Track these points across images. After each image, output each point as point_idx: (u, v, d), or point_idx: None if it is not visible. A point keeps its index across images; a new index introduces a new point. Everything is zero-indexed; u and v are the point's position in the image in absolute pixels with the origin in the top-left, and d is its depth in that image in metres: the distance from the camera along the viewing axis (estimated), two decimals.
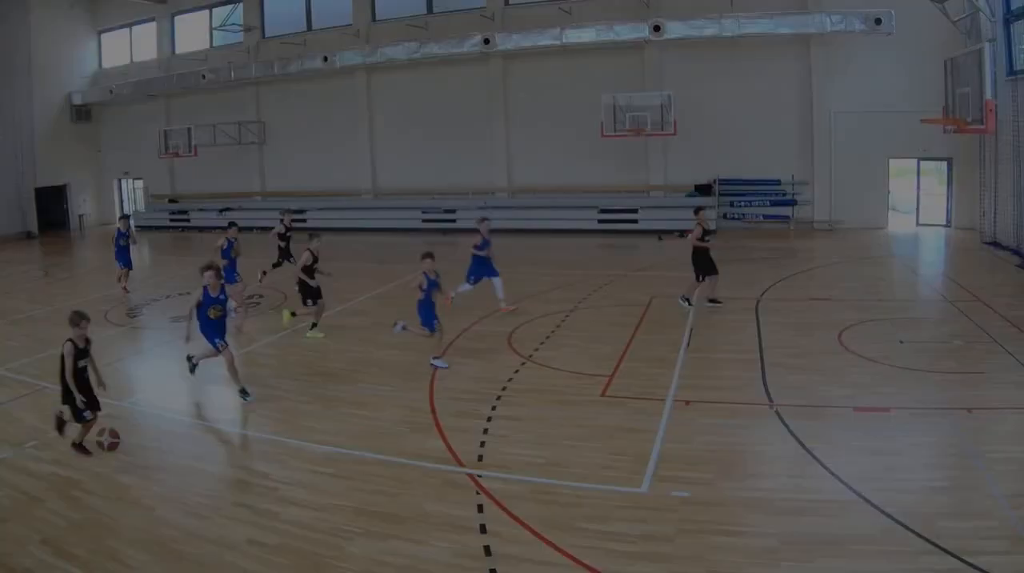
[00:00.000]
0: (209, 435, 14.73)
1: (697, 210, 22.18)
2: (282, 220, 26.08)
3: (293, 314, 22.08)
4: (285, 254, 25.32)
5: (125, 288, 28.09)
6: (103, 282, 30.68)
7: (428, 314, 17.41)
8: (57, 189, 53.80)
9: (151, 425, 15.07)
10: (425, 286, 17.16)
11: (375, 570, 9.49)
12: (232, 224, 24.19)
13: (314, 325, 20.87)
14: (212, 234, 43.66)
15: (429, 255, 17.35)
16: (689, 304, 21.84)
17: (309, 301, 20.66)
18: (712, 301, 22.19)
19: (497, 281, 22.40)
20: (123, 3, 52.59)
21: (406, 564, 9.56)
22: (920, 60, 33.52)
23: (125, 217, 30.81)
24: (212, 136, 49.49)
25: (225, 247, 22.68)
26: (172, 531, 10.50)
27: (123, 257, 28.22)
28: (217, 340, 15.71)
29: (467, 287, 22.43)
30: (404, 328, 17.64)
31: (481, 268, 22.29)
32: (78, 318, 12.91)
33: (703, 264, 21.79)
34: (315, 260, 20.29)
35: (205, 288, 15.51)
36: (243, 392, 15.84)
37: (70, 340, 12.73)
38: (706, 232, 21.70)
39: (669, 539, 9.82)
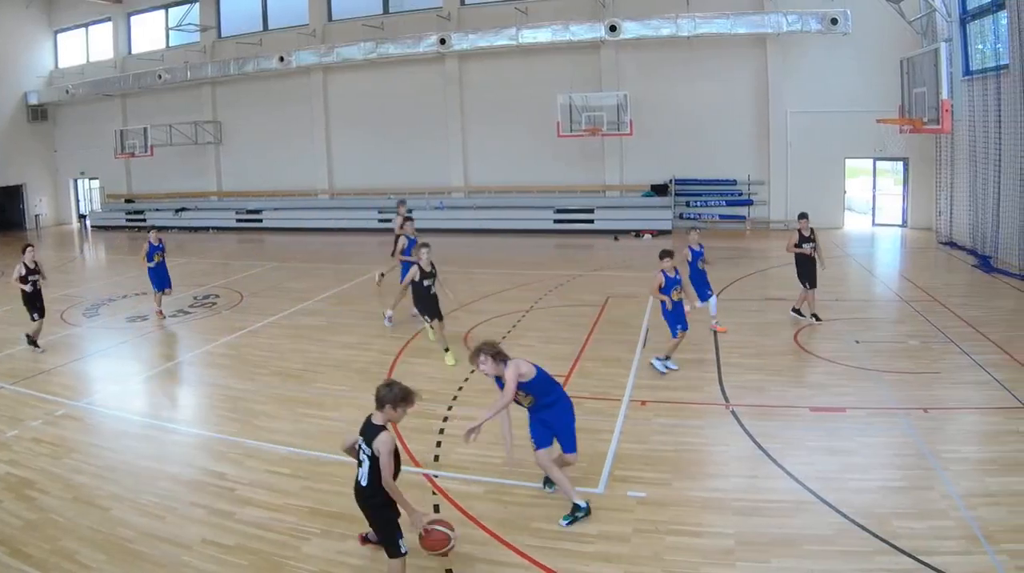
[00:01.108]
0: (165, 435, 14.15)
1: (800, 216, 20.49)
2: (399, 212, 24.63)
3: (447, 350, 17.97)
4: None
5: (161, 312, 22.94)
6: (60, 281, 29.92)
7: (675, 317, 16.21)
8: (13, 189, 52.81)
9: (107, 425, 14.64)
10: (664, 285, 15.84)
11: (332, 570, 9.37)
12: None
13: (446, 350, 17.85)
14: (169, 234, 43.86)
15: (668, 254, 16.02)
16: (800, 315, 20.23)
17: (427, 317, 18.56)
18: (813, 316, 20.16)
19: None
20: (79, 3, 51.31)
21: (362, 564, 9.45)
22: (876, 60, 33.32)
23: (156, 228, 25.01)
24: (168, 136, 48.34)
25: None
26: (128, 531, 10.29)
27: (160, 276, 22.95)
28: None
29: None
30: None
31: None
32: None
33: (804, 272, 20.07)
34: (425, 274, 17.94)
35: None
36: None
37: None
38: (803, 239, 19.90)
39: (625, 539, 9.72)
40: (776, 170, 37.41)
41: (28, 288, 19.37)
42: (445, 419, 13.99)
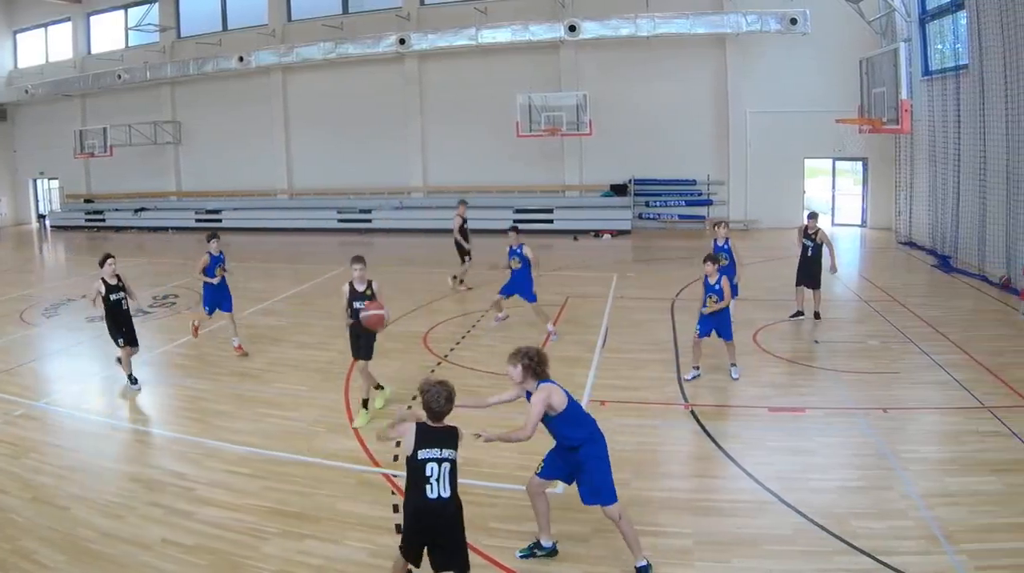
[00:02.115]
0: (125, 435, 13.93)
1: (809, 215, 20.32)
2: (459, 213, 24.07)
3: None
4: (463, 250, 23.60)
5: (198, 328, 19.40)
6: (19, 281, 30.16)
7: (703, 320, 15.70)
8: None
9: (66, 425, 14.36)
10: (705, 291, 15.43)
11: (291, 570, 9.22)
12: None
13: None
14: (128, 234, 45.44)
15: (708, 258, 15.41)
16: (800, 315, 20.04)
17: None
18: (815, 314, 19.96)
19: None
20: (38, 3, 50.11)
21: (322, 564, 9.30)
22: (835, 60, 33.14)
23: (216, 235, 19.13)
24: (128, 136, 47.30)
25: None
26: (87, 531, 10.09)
27: (221, 297, 18.62)
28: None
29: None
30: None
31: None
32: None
33: (801, 273, 20.06)
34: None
35: None
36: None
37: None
38: (805, 236, 19.88)
39: (584, 539, 9.58)
40: (735, 170, 37.03)
41: (99, 305, 16.03)
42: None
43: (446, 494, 7.76)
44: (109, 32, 50.41)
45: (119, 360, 16.17)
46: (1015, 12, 21.64)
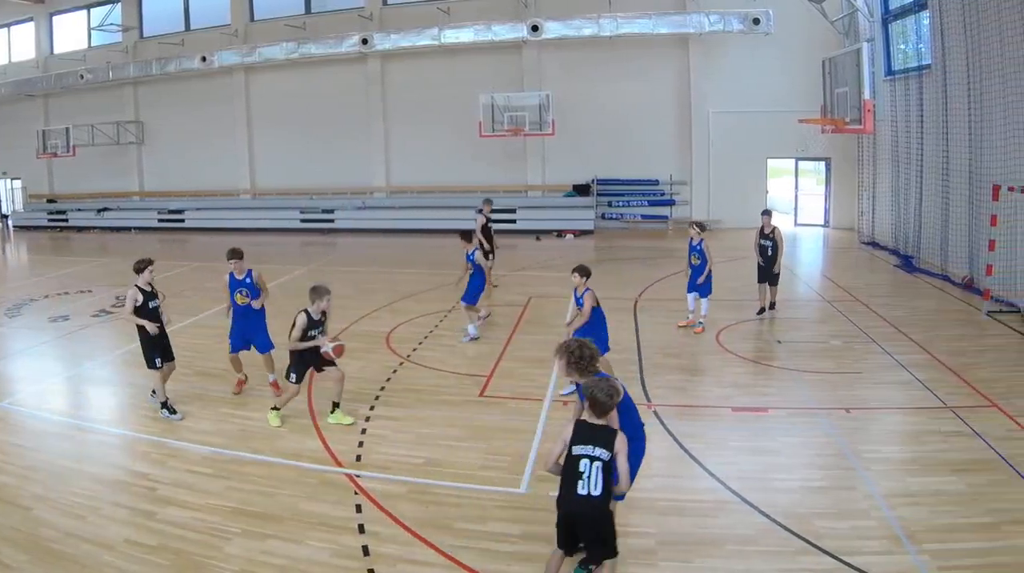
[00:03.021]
0: (87, 435, 13.47)
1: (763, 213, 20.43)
2: (481, 211, 23.45)
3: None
4: (485, 250, 22.55)
5: (242, 382, 15.45)
6: None
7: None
8: None
9: (29, 425, 14.04)
10: None
11: (253, 570, 9.07)
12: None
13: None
14: (91, 234, 44.74)
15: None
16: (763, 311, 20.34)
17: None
18: (771, 305, 20.38)
19: None
20: (1, 3, 49.00)
21: (284, 564, 9.15)
22: (799, 60, 32.98)
23: (237, 254, 15.14)
24: (91, 136, 46.36)
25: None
26: (50, 531, 9.93)
27: (253, 331, 15.28)
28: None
29: None
30: None
31: None
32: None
33: (761, 271, 20.15)
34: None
35: None
36: None
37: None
38: (763, 236, 19.92)
39: (547, 539, 8.91)
40: (698, 170, 36.66)
41: (151, 327, 13.61)
42: (367, 419, 13.58)
43: (596, 492, 7.58)
44: (72, 32, 49.45)
45: (154, 392, 14.09)
46: (978, 12, 21.48)
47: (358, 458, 11.97)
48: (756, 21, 32.36)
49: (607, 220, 37.68)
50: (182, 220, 44.42)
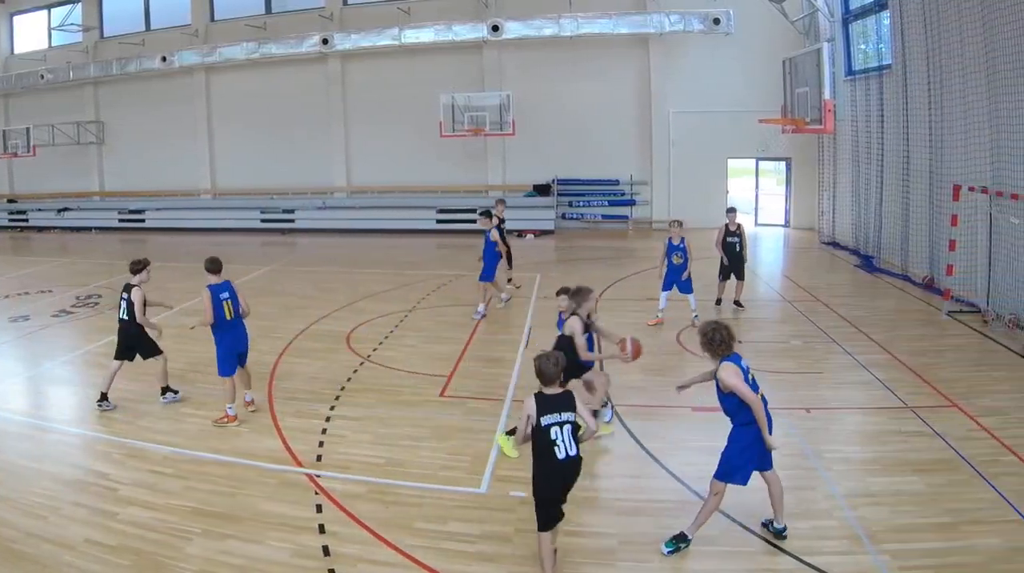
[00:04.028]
0: (47, 435, 13.36)
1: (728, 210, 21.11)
2: (495, 212, 22.78)
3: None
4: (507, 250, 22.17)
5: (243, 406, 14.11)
6: None
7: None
8: None
9: None
10: None
11: (213, 570, 9.01)
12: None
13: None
14: (51, 234, 44.13)
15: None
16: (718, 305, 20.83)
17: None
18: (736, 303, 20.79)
19: None
20: None
21: (244, 564, 9.08)
22: (759, 60, 32.74)
23: (213, 265, 14.31)
24: (51, 136, 45.39)
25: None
26: (10, 531, 9.87)
27: (241, 344, 13.86)
28: None
29: None
30: None
31: None
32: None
33: (729, 267, 20.66)
34: None
35: None
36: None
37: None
38: (728, 233, 20.37)
39: (507, 539, 9.51)
40: (659, 170, 36.32)
41: (156, 334, 14.69)
42: (328, 419, 13.52)
43: (573, 452, 8.21)
44: (32, 32, 48.55)
45: (164, 390, 14.63)
46: (938, 12, 21.39)
47: (318, 458, 11.88)
48: (716, 21, 32.02)
49: (568, 220, 37.32)
50: (142, 220, 43.61)
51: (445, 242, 36.81)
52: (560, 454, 8.14)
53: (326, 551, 9.28)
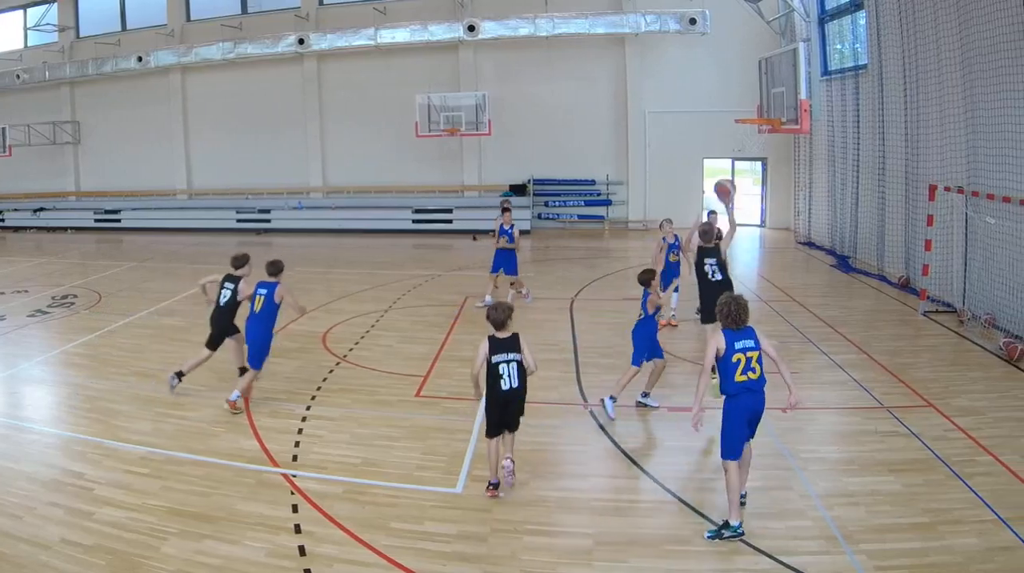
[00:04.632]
0: (22, 435, 13.20)
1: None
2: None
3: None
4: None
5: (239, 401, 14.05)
6: None
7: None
8: None
9: None
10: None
11: (189, 570, 8.97)
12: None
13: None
14: (27, 234, 43.39)
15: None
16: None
17: None
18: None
19: None
20: None
21: (220, 564, 9.05)
22: (735, 60, 32.54)
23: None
24: (27, 136, 44.63)
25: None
26: None
27: (262, 335, 14.18)
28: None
29: None
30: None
31: None
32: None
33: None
34: None
35: None
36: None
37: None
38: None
39: (483, 539, 9.51)
40: (635, 170, 36.06)
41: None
42: (303, 419, 13.47)
43: (515, 384, 10.11)
44: (7, 32, 47.65)
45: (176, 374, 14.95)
46: (914, 12, 21.33)
47: (294, 458, 11.84)
48: (693, 21, 31.67)
49: (544, 220, 36.92)
50: (119, 220, 43.07)
51: (421, 242, 36.38)
52: (505, 386, 10.04)
53: (302, 551, 9.23)
